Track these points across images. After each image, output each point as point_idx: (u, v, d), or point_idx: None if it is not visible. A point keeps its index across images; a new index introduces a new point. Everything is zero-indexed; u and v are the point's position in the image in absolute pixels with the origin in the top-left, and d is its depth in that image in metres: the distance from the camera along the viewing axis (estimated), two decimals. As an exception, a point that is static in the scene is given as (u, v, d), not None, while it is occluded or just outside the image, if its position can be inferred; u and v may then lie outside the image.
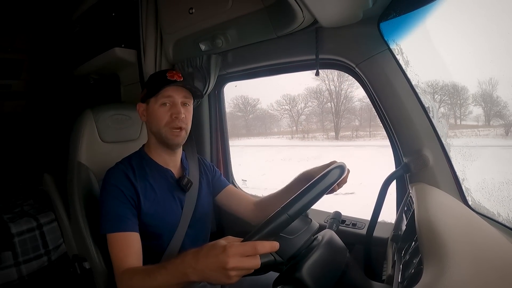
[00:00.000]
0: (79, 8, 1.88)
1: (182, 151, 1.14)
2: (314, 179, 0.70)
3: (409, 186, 1.08)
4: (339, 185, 0.87)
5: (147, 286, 0.77)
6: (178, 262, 0.70)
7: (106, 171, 1.00)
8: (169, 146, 1.04)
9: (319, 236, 0.78)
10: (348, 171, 0.87)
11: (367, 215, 1.22)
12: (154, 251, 1.02)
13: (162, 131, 1.00)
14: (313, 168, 0.99)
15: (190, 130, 1.08)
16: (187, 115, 1.02)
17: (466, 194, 1.02)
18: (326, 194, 0.72)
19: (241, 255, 0.58)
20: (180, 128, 1.00)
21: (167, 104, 1.00)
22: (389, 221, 1.28)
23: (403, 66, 1.05)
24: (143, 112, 1.06)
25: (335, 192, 0.85)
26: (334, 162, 0.93)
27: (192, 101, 1.07)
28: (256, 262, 0.59)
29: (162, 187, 1.04)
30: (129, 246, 0.90)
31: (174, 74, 1.00)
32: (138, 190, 0.97)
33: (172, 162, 1.09)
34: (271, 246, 0.59)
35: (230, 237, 0.65)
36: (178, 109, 1.00)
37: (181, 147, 1.10)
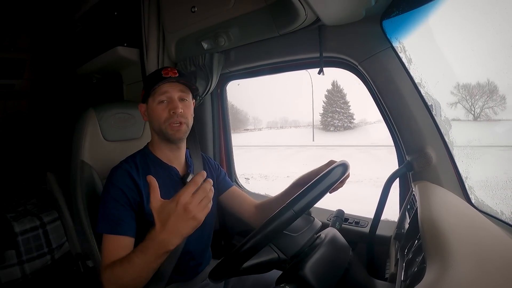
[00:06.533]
0: (81, 8, 1.89)
1: (186, 149, 1.15)
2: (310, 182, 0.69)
3: (412, 184, 1.07)
4: (343, 182, 0.89)
5: (130, 273, 0.77)
6: (149, 239, 0.73)
7: (111, 169, 1.00)
8: (172, 142, 1.04)
9: (322, 234, 0.78)
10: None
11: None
12: None
13: (163, 127, 1.01)
14: (310, 172, 1.01)
15: (193, 127, 1.08)
16: (185, 110, 1.03)
17: (469, 193, 1.02)
18: (330, 192, 0.73)
19: (189, 194, 0.68)
20: (180, 123, 1.01)
21: (165, 101, 1.01)
22: (392, 219, 1.28)
23: (406, 64, 1.04)
24: (144, 112, 1.08)
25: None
26: (331, 162, 0.94)
27: (190, 96, 1.07)
28: (204, 192, 0.69)
29: (166, 184, 1.03)
30: (119, 249, 0.89)
31: (168, 71, 1.02)
32: (142, 189, 0.97)
33: (177, 159, 1.09)
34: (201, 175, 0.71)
35: None
36: (175, 104, 1.00)
37: (184, 143, 1.10)
